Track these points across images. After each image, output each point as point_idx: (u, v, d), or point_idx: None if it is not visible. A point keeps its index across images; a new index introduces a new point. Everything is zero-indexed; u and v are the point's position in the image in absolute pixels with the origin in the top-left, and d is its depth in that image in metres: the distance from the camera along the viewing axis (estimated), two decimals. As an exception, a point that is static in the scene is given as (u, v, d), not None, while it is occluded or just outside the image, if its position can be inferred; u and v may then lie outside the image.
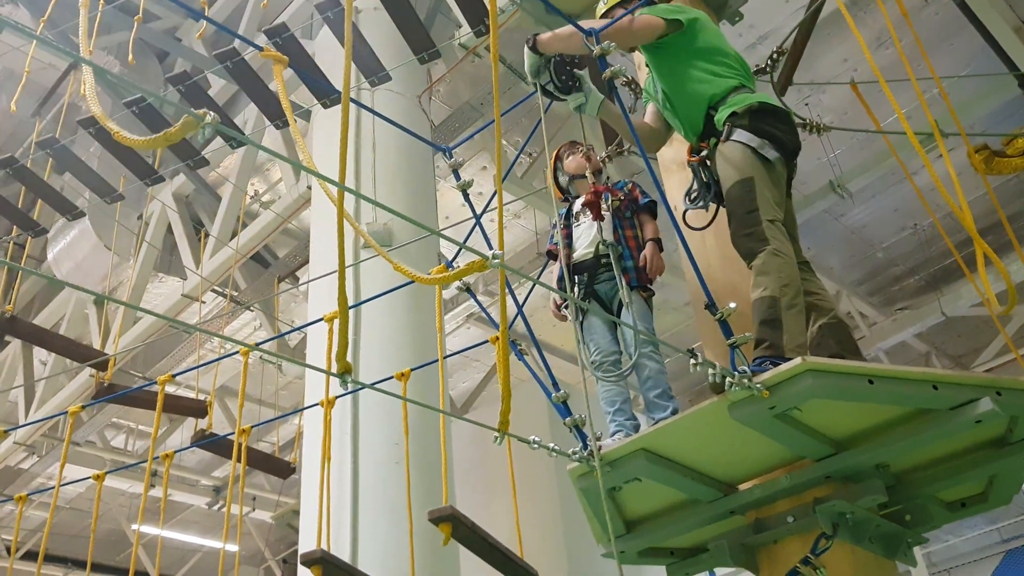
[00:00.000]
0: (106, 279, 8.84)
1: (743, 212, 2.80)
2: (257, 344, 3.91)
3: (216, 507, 12.70)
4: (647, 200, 3.49)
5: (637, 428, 3.09)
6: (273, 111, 4.95)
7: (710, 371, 2.39)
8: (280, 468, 6.79)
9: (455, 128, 7.87)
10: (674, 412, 2.98)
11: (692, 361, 2.39)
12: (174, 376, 3.67)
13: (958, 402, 2.49)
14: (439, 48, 6.49)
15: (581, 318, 3.35)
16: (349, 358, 6.19)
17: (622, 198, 3.45)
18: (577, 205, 3.62)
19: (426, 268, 4.00)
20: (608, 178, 3.67)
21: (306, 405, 5.25)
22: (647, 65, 3.34)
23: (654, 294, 3.35)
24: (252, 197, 9.92)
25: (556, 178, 3.82)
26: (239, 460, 5.58)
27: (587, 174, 3.56)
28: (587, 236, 3.46)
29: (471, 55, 7.40)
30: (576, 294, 3.37)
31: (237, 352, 4.23)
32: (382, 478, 4.99)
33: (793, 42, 4.42)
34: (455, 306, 10.79)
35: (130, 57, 5.51)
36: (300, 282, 8.24)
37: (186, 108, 5.15)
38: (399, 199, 6.50)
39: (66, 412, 3.77)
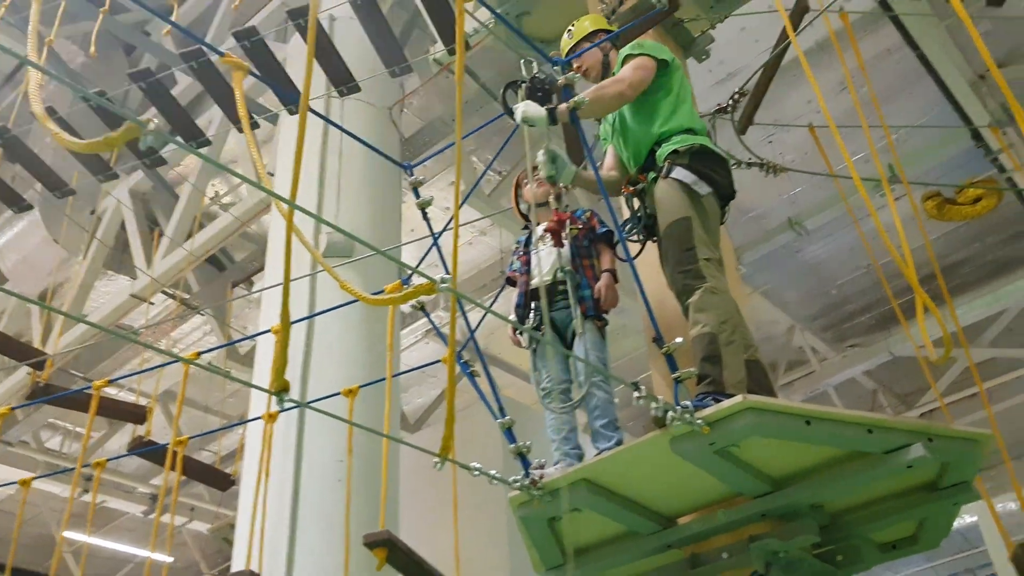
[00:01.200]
0: (52, 274, 8.64)
1: (680, 250, 2.86)
2: (200, 353, 3.84)
3: (152, 516, 12.40)
4: (604, 230, 3.52)
5: (581, 458, 3.09)
6: (237, 113, 4.90)
7: (652, 405, 2.40)
8: (219, 480, 6.65)
9: (425, 142, 7.87)
10: (619, 443, 2.99)
11: (635, 394, 2.40)
12: (112, 381, 3.59)
13: (892, 446, 2.53)
14: (411, 63, 6.51)
15: (535, 345, 3.35)
16: (299, 371, 6.09)
17: (580, 227, 3.47)
18: (537, 231, 3.63)
19: (387, 281, 3.96)
20: (567, 205, 3.69)
21: (249, 417, 5.16)
22: None
23: (607, 323, 3.37)
24: (212, 198, 9.79)
25: (518, 203, 3.83)
26: (179, 471, 5.47)
27: (549, 200, 3.57)
28: (546, 263, 3.47)
29: (445, 71, 7.43)
30: (532, 321, 3.37)
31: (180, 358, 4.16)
32: (325, 496, 4.92)
33: (757, 82, 4.50)
34: (414, 320, 10.74)
35: (92, 50, 5.41)
36: (254, 289, 8.13)
37: (146, 106, 5.02)
38: (363, 210, 6.46)
39: (-5, 412, 3.66)
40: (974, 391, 12.76)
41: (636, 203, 3.19)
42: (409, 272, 3.31)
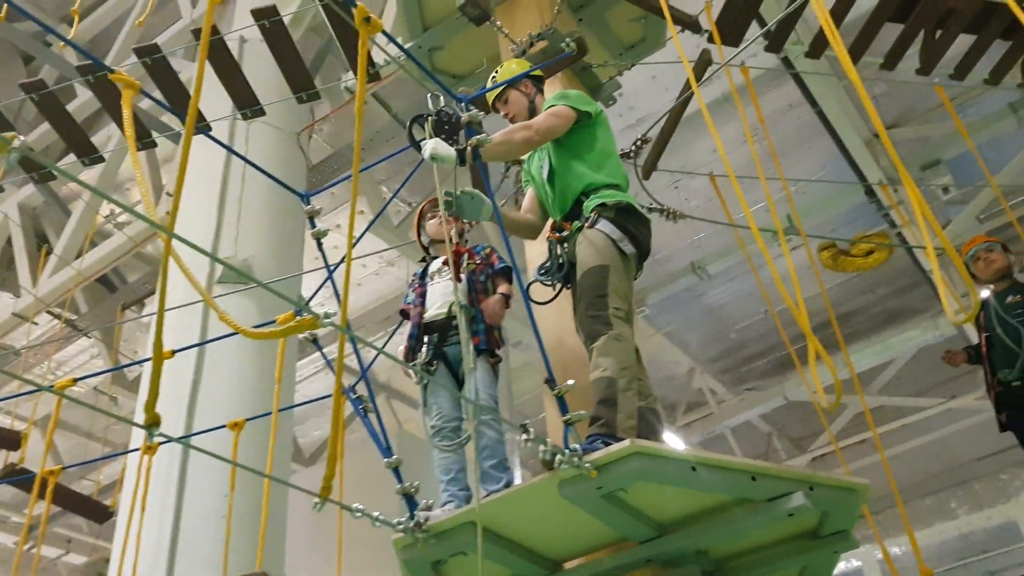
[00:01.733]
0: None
1: (593, 295, 2.89)
2: (77, 380, 3.63)
3: (26, 547, 11.63)
4: (503, 265, 3.50)
5: (469, 499, 3.03)
6: (137, 130, 4.71)
7: (540, 447, 2.37)
8: (97, 512, 6.28)
9: (333, 169, 7.75)
10: (508, 484, 2.95)
11: (523, 436, 2.37)
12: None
13: (774, 494, 2.57)
14: (321, 90, 6.42)
15: (426, 380, 3.29)
16: (185, 401, 5.83)
17: (479, 262, 3.45)
18: (435, 265, 3.58)
19: (287, 309, 3.83)
20: (467, 240, 3.67)
21: (129, 448, 4.90)
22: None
23: (500, 360, 3.33)
24: (107, 216, 9.39)
25: (420, 234, 3.79)
26: (49, 501, 5.15)
27: (451, 235, 3.54)
28: (441, 296, 3.43)
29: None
30: (424, 354, 3.31)
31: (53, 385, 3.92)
32: (206, 531, 4.69)
33: (661, 130, 4.60)
34: (315, 350, 10.50)
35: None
36: (143, 312, 7.80)
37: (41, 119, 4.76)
38: (264, 235, 6.28)
39: None
40: (864, 436, 13.28)
41: (559, 249, 3.19)
42: (304, 302, 3.23)
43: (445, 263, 3.50)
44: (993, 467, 12.47)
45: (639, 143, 4.09)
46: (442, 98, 2.96)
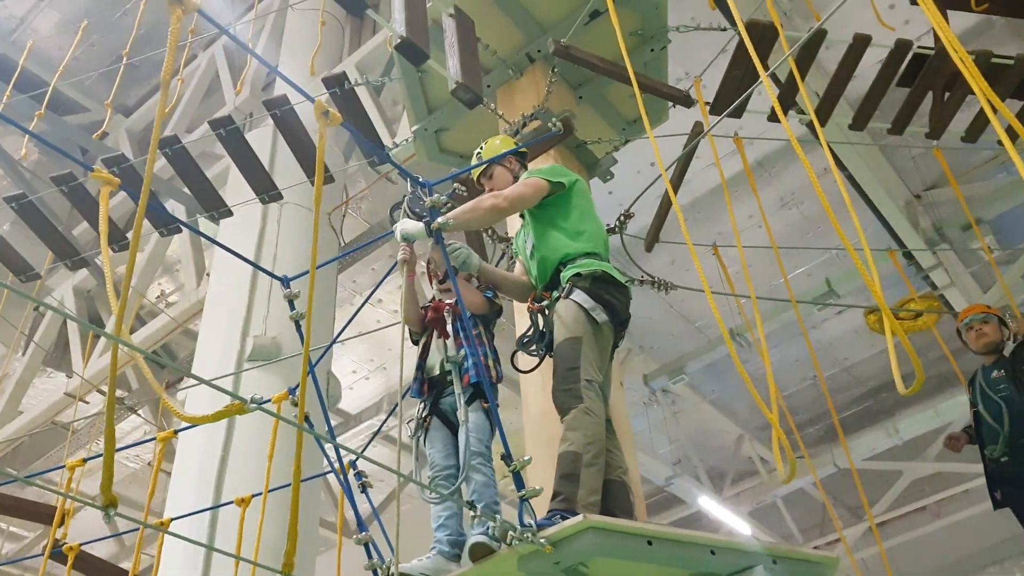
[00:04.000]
0: (-10, 369, 8.55)
1: (565, 368, 2.94)
2: (85, 459, 3.82)
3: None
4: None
5: (453, 545, 2.98)
6: (157, 219, 5.01)
7: (490, 524, 2.42)
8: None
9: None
10: (490, 530, 2.89)
11: (471, 513, 2.42)
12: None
13: (735, 568, 2.55)
14: (349, 168, 6.71)
15: (420, 433, 3.29)
16: (215, 471, 5.97)
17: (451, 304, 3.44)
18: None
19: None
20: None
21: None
22: (521, 216, 3.52)
23: (495, 402, 3.25)
24: (158, 297, 9.83)
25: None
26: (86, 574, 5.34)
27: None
28: (435, 354, 3.44)
29: (384, 179, 7.66)
30: (421, 411, 3.34)
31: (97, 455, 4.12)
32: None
33: (661, 201, 4.68)
34: (357, 423, 10.68)
35: (25, 153, 5.54)
36: (179, 388, 8.08)
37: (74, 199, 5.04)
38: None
39: None
40: (924, 503, 12.75)
41: (540, 319, 3.25)
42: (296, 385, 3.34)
43: (428, 323, 3.50)
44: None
45: (623, 218, 4.17)
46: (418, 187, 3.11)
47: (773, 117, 5.08)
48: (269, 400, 1.97)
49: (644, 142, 5.43)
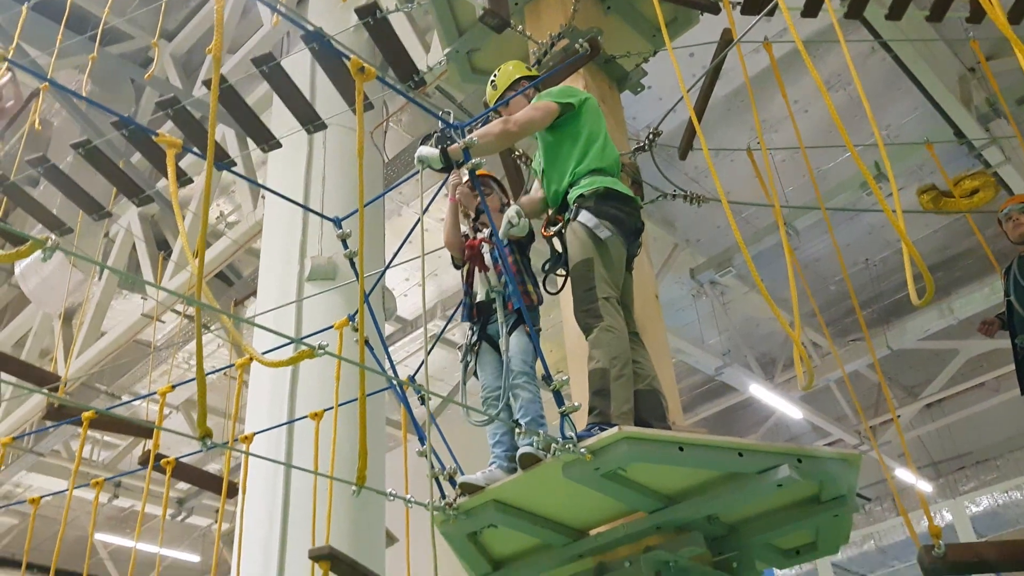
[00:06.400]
0: (71, 295, 9.12)
1: (582, 290, 3.10)
2: (174, 385, 4.19)
3: (179, 518, 12.95)
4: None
5: (511, 460, 3.16)
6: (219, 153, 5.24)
7: (534, 438, 2.69)
8: (222, 487, 7.02)
9: (409, 161, 8.18)
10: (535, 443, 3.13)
11: (517, 431, 2.69)
12: (110, 409, 3.92)
13: (763, 467, 2.79)
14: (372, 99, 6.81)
15: (472, 360, 3.52)
16: (287, 385, 6.36)
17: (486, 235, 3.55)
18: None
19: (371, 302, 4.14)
20: (481, 230, 3.76)
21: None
22: (536, 137, 3.63)
23: (537, 325, 3.31)
24: (217, 218, 10.21)
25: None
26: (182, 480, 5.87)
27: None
28: (480, 283, 3.63)
29: (424, 91, 7.73)
30: (471, 337, 3.56)
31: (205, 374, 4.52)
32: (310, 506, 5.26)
33: (695, 107, 4.72)
34: (414, 328, 11.11)
35: (84, 89, 5.78)
36: (247, 312, 8.53)
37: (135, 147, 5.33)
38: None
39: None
40: (982, 379, 12.82)
41: (557, 243, 3.40)
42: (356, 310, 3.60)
43: (468, 259, 3.65)
44: None
45: (651, 135, 4.24)
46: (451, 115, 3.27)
47: (807, 13, 5.02)
48: (333, 336, 2.21)
49: (676, 45, 5.43)
